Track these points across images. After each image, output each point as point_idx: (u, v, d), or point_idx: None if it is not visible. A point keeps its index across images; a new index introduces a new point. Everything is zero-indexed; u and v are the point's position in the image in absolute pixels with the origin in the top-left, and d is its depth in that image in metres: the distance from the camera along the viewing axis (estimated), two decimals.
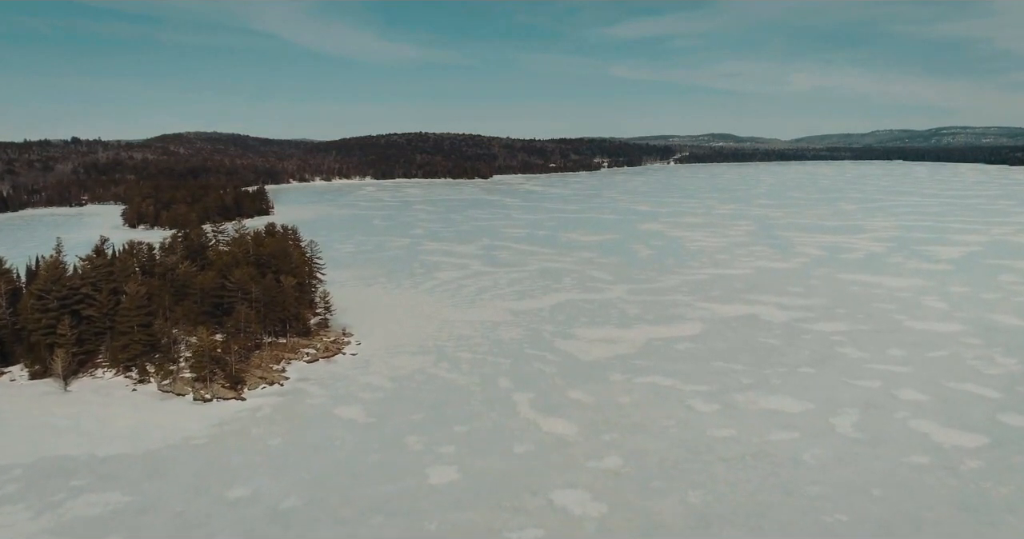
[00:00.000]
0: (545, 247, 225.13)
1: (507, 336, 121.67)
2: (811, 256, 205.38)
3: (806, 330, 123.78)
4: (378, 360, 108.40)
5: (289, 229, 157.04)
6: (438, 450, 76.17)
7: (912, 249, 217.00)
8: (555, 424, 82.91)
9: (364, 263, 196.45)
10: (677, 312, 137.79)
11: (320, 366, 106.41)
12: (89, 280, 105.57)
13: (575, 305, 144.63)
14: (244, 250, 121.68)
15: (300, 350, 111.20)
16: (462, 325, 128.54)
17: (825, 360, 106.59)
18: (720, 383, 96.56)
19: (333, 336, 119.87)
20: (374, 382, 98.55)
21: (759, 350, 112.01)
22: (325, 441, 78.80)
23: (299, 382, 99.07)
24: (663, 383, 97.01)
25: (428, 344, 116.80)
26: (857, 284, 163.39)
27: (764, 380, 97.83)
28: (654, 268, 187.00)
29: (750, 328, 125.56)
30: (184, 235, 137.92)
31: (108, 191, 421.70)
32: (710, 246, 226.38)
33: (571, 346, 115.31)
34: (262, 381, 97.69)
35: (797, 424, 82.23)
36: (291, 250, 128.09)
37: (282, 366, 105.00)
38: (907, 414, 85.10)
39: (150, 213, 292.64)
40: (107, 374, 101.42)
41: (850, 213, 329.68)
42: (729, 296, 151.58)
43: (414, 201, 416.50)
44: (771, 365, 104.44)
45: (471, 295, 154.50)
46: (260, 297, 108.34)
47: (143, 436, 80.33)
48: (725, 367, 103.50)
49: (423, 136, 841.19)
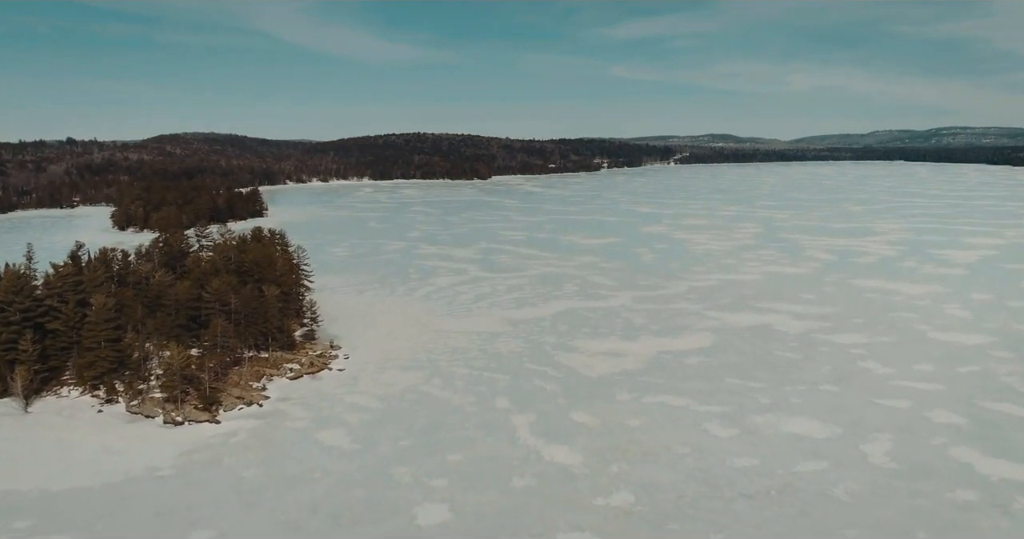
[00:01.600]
0: (545, 251, 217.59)
1: (505, 348, 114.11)
2: (821, 260, 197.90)
3: (824, 342, 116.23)
4: (367, 376, 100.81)
5: (276, 233, 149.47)
6: (429, 483, 68.62)
7: (925, 253, 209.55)
8: (558, 452, 75.36)
9: (357, 268, 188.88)
10: (685, 322, 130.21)
11: (304, 383, 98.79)
12: (55, 291, 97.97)
13: (577, 314, 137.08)
14: (225, 257, 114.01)
15: (283, 365, 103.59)
16: (458, 336, 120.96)
17: (847, 376, 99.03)
18: (736, 403, 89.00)
19: (320, 349, 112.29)
20: (361, 402, 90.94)
21: (775, 365, 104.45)
22: (304, 473, 71.20)
23: (280, 402, 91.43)
24: (674, 403, 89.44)
25: (421, 357, 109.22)
26: (872, 291, 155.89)
27: (784, 399, 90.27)
28: (659, 273, 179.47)
29: (764, 340, 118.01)
30: (164, 240, 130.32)
31: (100, 192, 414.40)
32: (716, 250, 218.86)
33: (574, 360, 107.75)
34: (239, 401, 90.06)
35: (824, 452, 74.70)
36: (276, 257, 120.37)
37: (262, 383, 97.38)
38: (944, 440, 77.58)
39: (139, 215, 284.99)
40: (73, 393, 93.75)
41: (857, 215, 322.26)
42: (739, 304, 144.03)
43: (411, 202, 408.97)
44: (790, 382, 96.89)
45: (468, 303, 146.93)
46: (240, 309, 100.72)
47: (104, 466, 72.73)
48: (740, 385, 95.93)
49: (421, 136, 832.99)
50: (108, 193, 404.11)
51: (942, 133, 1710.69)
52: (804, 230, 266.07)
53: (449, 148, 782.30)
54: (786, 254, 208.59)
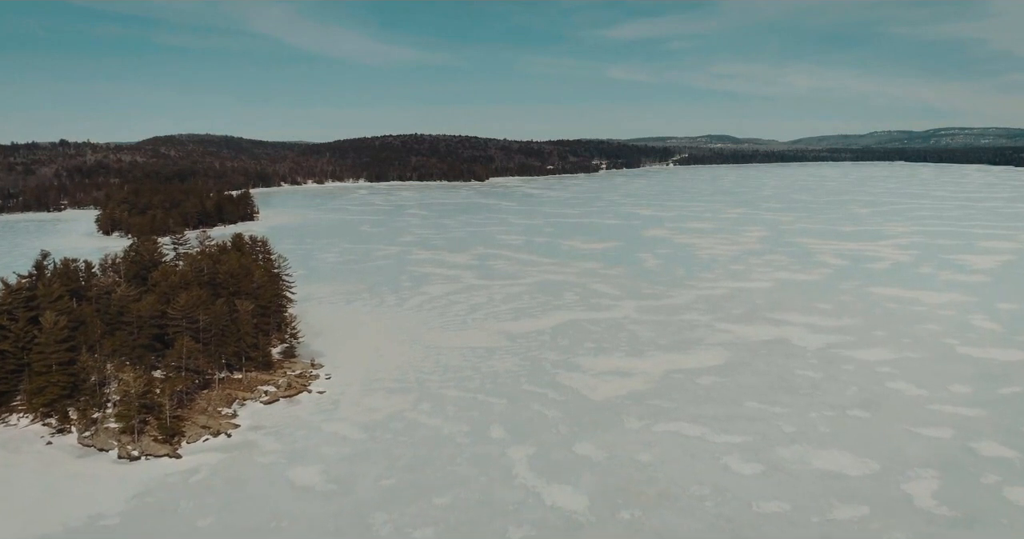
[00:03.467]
0: (544, 256, 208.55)
1: (502, 367, 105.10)
2: (833, 266, 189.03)
3: (846, 359, 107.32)
4: (349, 400, 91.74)
5: (259, 241, 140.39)
6: (412, 535, 59.58)
7: (940, 258, 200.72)
8: (560, 494, 66.34)
9: (347, 275, 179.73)
10: (695, 335, 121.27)
11: (279, 408, 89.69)
12: (5, 307, 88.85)
13: (579, 326, 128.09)
14: (197, 269, 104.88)
15: (258, 387, 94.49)
16: (450, 352, 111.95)
17: (877, 399, 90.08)
18: (758, 432, 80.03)
19: (299, 368, 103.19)
20: (340, 431, 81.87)
21: (797, 386, 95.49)
22: (269, 522, 62.11)
23: (251, 431, 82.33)
24: (689, 432, 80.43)
25: (409, 377, 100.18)
26: (891, 300, 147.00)
27: (810, 427, 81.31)
28: (664, 280, 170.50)
29: (781, 356, 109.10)
30: (135, 249, 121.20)
31: (89, 195, 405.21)
32: (722, 255, 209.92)
33: (576, 380, 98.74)
34: (205, 431, 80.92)
35: (863, 493, 65.73)
36: (253, 267, 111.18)
37: (233, 409, 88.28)
38: (997, 478, 68.67)
39: (124, 219, 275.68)
40: (23, 421, 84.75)
41: (864, 217, 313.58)
42: (752, 315, 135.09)
43: (407, 205, 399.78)
44: (814, 406, 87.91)
45: (462, 314, 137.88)
46: (210, 326, 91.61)
47: (42, 513, 63.62)
48: (761, 410, 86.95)
49: (418, 138, 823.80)
50: (96, 196, 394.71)
51: (940, 134, 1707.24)
52: (812, 233, 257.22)
53: (446, 149, 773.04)
54: (796, 259, 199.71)
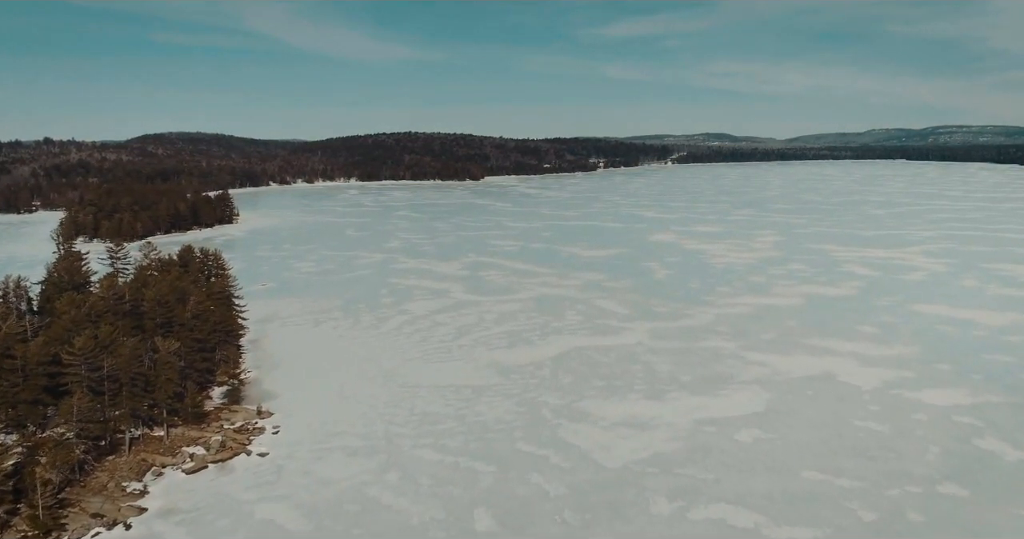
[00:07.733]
0: (542, 265, 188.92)
1: (492, 415, 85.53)
2: (863, 277, 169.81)
3: (913, 404, 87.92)
4: (295, 467, 72.08)
5: (211, 254, 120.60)
6: None
7: (980, 267, 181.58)
8: None
9: (321, 288, 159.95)
10: (724, 370, 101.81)
11: (205, 480, 69.96)
12: None
13: (585, 356, 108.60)
14: (115, 295, 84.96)
15: (182, 449, 74.82)
16: (430, 394, 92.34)
17: (969, 468, 70.68)
18: (828, 522, 60.52)
19: (242, 418, 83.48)
20: (278, 519, 62.20)
21: (863, 447, 75.97)
22: None
23: (159, 519, 62.60)
24: (738, 521, 60.94)
25: (376, 432, 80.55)
26: (942, 321, 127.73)
27: (897, 515, 61.80)
28: (677, 296, 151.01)
29: (833, 399, 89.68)
30: (55, 266, 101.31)
31: (63, 196, 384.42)
32: (738, 263, 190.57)
33: (584, 436, 79.18)
34: (96, 522, 61.13)
35: None
36: (191, 291, 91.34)
37: (144, 483, 68.52)
38: None
39: (88, 223, 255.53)
40: None
41: (882, 220, 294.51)
42: (785, 341, 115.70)
43: (397, 206, 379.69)
44: (893, 478, 68.45)
45: (447, 339, 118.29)
46: (116, 374, 71.85)
47: None
48: (824, 483, 67.47)
49: (412, 136, 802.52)
50: (71, 197, 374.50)
51: (939, 132, 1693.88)
52: (830, 238, 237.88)
53: (441, 148, 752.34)
54: (820, 270, 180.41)
